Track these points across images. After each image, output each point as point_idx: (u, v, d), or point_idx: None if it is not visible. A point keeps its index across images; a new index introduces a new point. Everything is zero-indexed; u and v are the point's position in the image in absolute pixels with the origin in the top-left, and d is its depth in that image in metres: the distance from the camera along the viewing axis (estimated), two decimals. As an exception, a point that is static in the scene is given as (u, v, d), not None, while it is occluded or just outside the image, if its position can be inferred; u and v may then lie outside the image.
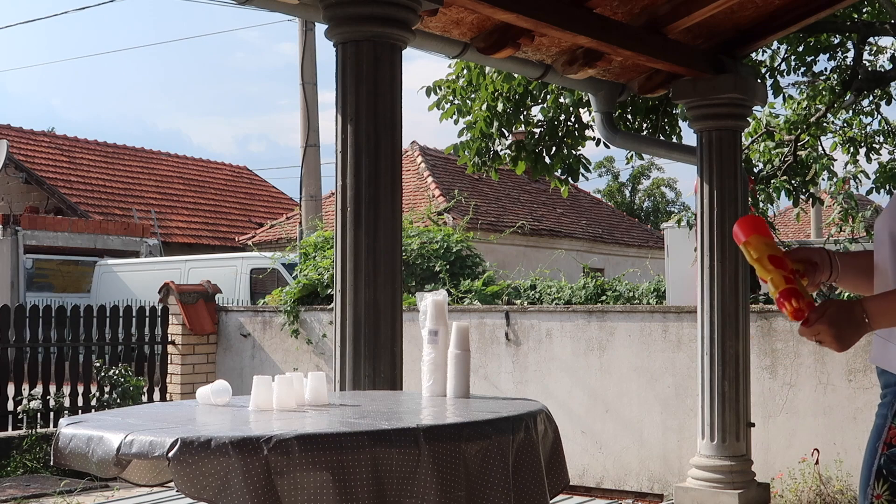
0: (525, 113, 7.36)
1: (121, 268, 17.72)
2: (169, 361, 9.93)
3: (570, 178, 7.57)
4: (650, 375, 7.57)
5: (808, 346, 6.90)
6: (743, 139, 6.96)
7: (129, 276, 17.29)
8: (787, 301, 2.06)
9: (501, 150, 7.50)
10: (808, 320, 2.03)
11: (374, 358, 3.97)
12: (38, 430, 8.64)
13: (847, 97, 8.55)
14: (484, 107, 7.18)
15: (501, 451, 2.31)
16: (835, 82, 8.69)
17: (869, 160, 9.51)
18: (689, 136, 10.87)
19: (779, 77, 8.33)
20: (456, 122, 7.40)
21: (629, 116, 7.23)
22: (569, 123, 7.38)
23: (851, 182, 9.03)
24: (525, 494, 2.39)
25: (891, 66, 9.10)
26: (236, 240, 21.27)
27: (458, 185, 18.80)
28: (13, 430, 8.69)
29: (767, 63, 8.40)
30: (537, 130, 7.43)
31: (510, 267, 13.54)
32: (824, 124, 8.95)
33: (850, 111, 9.37)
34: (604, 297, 8.97)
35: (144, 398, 9.43)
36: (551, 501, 2.55)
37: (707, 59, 5.99)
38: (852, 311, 2.00)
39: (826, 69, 8.89)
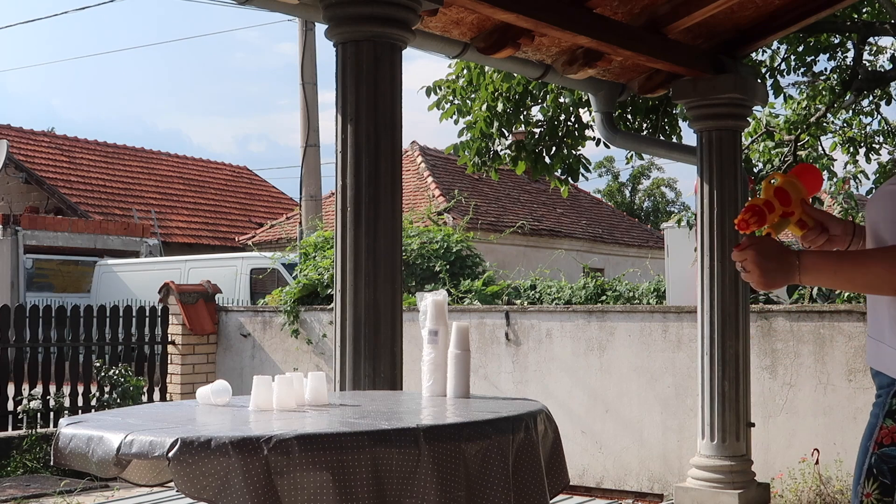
0: (525, 113, 7.36)
1: (121, 268, 17.72)
2: (169, 361, 9.93)
3: (570, 178, 7.57)
4: (650, 375, 7.57)
5: (808, 345, 6.91)
6: (743, 139, 6.96)
7: (129, 276, 17.29)
8: (744, 213, 2.13)
9: (501, 150, 7.50)
10: (742, 244, 2.07)
11: (374, 358, 3.97)
12: (38, 430, 8.64)
13: (847, 97, 8.55)
14: (484, 107, 7.18)
15: (501, 451, 2.31)
16: (835, 82, 8.69)
17: (869, 160, 9.51)
18: (689, 136, 10.88)
19: (779, 77, 8.34)
20: (456, 122, 7.40)
21: (629, 116, 7.23)
22: (569, 123, 7.38)
23: (851, 182, 9.03)
24: (525, 494, 2.39)
25: (891, 66, 9.11)
26: (236, 240, 21.27)
27: (458, 185, 18.80)
28: (13, 430, 8.69)
29: (767, 63, 8.40)
30: (537, 130, 7.43)
31: (510, 267, 13.54)
32: (824, 124, 8.95)
33: (850, 111, 9.37)
34: (604, 297, 8.98)
35: (144, 398, 9.43)
36: (551, 501, 2.55)
37: (707, 59, 5.99)
38: (786, 255, 2.05)
39: (826, 69, 8.90)
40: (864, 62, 8.36)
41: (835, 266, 2.05)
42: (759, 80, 6.78)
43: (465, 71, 7.30)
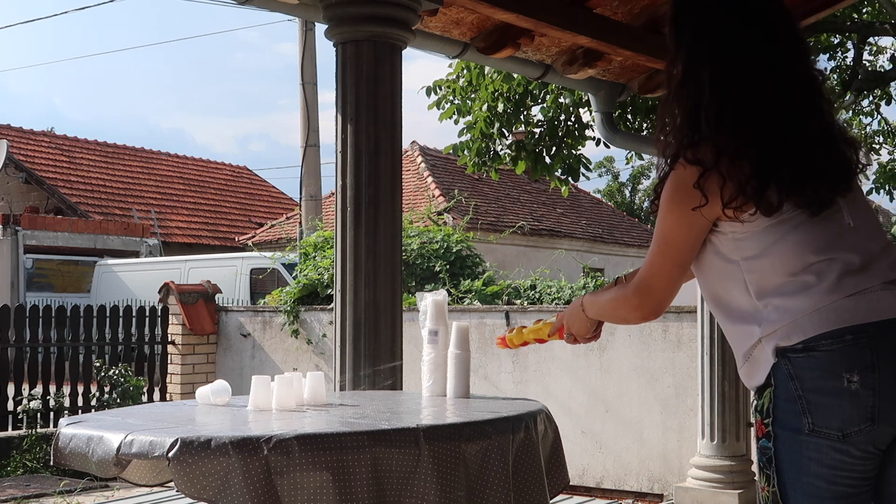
0: (525, 113, 7.36)
1: (121, 268, 17.73)
2: (169, 361, 9.93)
3: (570, 178, 7.57)
4: (650, 375, 7.57)
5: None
6: (743, 139, 6.95)
7: (129, 276, 17.29)
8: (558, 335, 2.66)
9: (501, 150, 7.50)
10: (560, 332, 2.58)
11: (374, 358, 3.97)
12: (38, 430, 8.64)
13: (847, 97, 8.55)
14: (484, 107, 7.18)
15: (501, 451, 2.31)
16: (835, 82, 8.69)
17: (869, 160, 9.50)
18: (689, 136, 10.86)
19: (779, 77, 8.32)
20: (456, 122, 7.40)
21: (629, 116, 7.24)
22: (569, 123, 7.38)
23: (851, 182, 9.01)
24: (525, 494, 2.40)
25: (891, 66, 9.11)
26: (236, 240, 21.27)
27: (458, 185, 18.80)
28: (13, 430, 8.69)
29: (767, 63, 8.38)
30: (537, 130, 7.43)
31: (510, 267, 13.54)
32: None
33: (850, 111, 9.37)
34: (604, 297, 8.96)
35: (144, 398, 9.43)
36: (551, 501, 2.55)
37: (707, 59, 5.98)
38: (575, 304, 2.46)
39: (826, 69, 8.86)
40: (864, 62, 8.36)
41: (598, 306, 2.38)
42: (759, 80, 6.77)
43: (465, 71, 7.30)
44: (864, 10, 8.42)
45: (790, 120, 2.01)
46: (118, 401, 8.90)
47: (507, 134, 7.45)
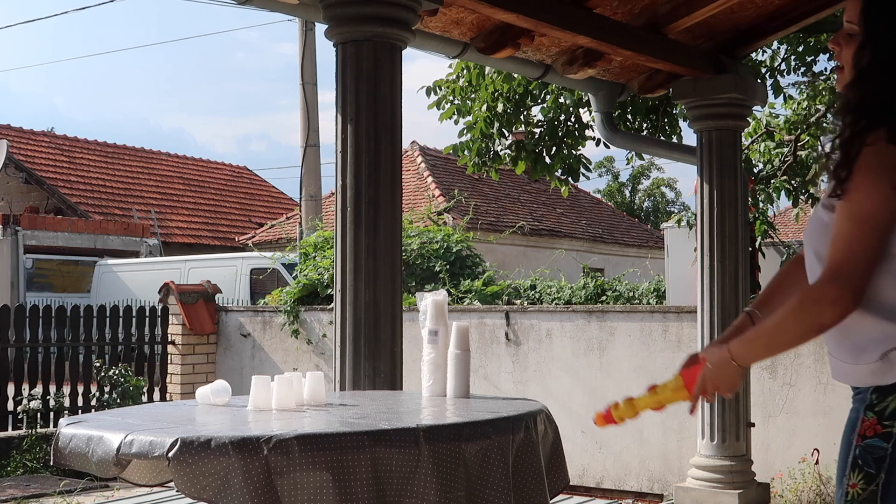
0: (525, 113, 7.36)
1: (121, 268, 17.72)
2: (169, 361, 9.93)
3: (570, 178, 7.57)
4: (650, 375, 7.56)
5: (808, 346, 6.90)
6: (743, 139, 6.96)
7: (129, 276, 17.28)
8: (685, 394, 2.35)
9: (501, 150, 7.50)
10: (693, 393, 2.30)
11: (374, 358, 3.97)
12: (38, 430, 8.64)
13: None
14: (484, 107, 7.18)
15: (501, 451, 2.31)
16: (835, 82, 8.67)
17: None
18: (689, 136, 10.87)
19: (779, 77, 8.33)
20: (456, 122, 7.40)
21: (629, 116, 7.23)
22: (569, 123, 7.38)
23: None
24: (525, 494, 2.40)
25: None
26: (236, 240, 21.26)
27: (458, 185, 18.79)
28: (13, 430, 8.69)
29: (767, 63, 8.39)
30: (537, 130, 7.43)
31: (510, 267, 13.54)
32: (824, 124, 8.95)
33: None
34: (604, 297, 8.97)
35: (144, 398, 9.43)
36: (551, 501, 2.55)
37: (707, 59, 5.99)
38: (720, 356, 2.20)
39: (826, 69, 8.90)
40: (864, 62, 8.33)
41: (761, 341, 2.16)
42: (758, 80, 6.78)
43: (465, 71, 7.30)
44: (865, 10, 8.40)
45: None
46: (118, 401, 8.89)
47: (507, 134, 7.44)
